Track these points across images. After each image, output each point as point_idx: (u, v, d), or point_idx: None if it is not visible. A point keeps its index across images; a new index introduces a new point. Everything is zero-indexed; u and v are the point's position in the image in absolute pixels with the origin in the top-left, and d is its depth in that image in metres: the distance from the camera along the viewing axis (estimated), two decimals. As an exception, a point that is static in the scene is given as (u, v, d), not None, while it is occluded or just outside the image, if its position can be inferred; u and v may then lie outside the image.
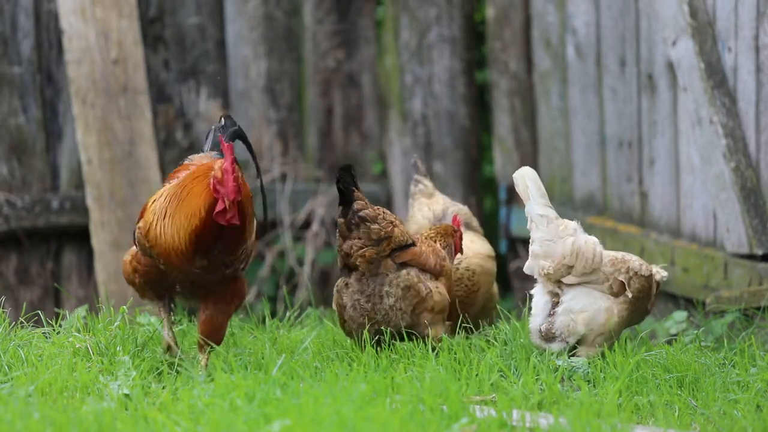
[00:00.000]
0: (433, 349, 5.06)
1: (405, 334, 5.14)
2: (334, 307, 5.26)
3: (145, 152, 7.17)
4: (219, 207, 4.77)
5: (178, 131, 7.57)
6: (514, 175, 5.25)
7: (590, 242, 5.19)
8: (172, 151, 7.49)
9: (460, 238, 5.55)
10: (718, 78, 6.24)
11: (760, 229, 6.11)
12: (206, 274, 4.87)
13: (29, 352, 4.94)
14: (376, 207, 5.22)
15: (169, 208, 4.82)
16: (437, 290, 5.20)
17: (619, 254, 5.25)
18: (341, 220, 5.16)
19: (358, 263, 5.15)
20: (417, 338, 5.17)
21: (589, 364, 4.96)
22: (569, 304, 5.18)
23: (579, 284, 5.19)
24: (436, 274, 5.24)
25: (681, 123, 6.59)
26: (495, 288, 5.82)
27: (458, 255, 5.54)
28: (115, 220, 7.15)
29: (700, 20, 6.30)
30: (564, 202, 7.39)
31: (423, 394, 4.38)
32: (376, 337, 5.17)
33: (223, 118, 5.21)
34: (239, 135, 5.19)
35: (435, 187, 6.04)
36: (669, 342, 5.93)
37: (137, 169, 7.15)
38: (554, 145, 7.55)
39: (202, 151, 5.23)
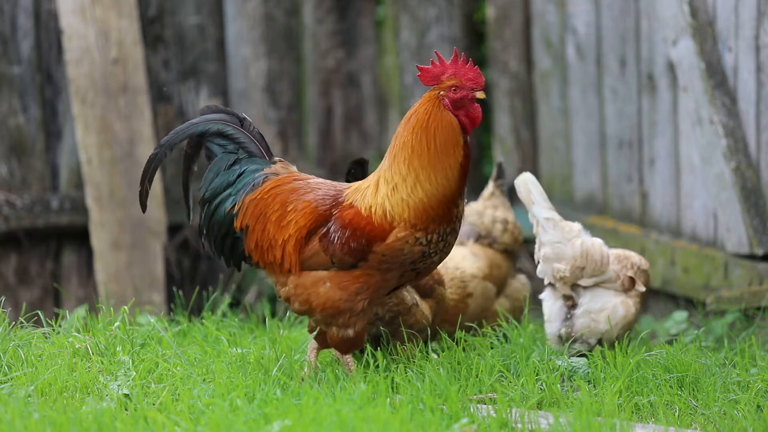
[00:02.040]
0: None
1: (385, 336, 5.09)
2: None
3: (145, 152, 7.15)
4: (468, 96, 4.56)
5: (178, 131, 7.56)
6: (515, 181, 5.26)
7: (596, 243, 5.22)
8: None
9: None
10: (718, 78, 6.23)
11: (761, 229, 6.11)
12: (456, 234, 4.68)
13: (29, 352, 4.93)
14: None
15: (418, 163, 4.62)
16: (422, 307, 5.13)
17: (620, 251, 5.29)
18: None
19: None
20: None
21: (589, 364, 4.96)
22: (588, 305, 5.19)
23: (594, 285, 5.22)
24: (423, 294, 5.19)
25: (681, 123, 6.59)
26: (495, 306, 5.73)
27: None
28: (115, 220, 7.14)
29: (701, 20, 6.30)
30: (564, 202, 7.39)
31: (423, 394, 4.38)
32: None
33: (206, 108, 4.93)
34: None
35: (495, 195, 5.95)
36: (669, 342, 5.93)
37: (137, 169, 7.11)
38: (554, 145, 7.55)
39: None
